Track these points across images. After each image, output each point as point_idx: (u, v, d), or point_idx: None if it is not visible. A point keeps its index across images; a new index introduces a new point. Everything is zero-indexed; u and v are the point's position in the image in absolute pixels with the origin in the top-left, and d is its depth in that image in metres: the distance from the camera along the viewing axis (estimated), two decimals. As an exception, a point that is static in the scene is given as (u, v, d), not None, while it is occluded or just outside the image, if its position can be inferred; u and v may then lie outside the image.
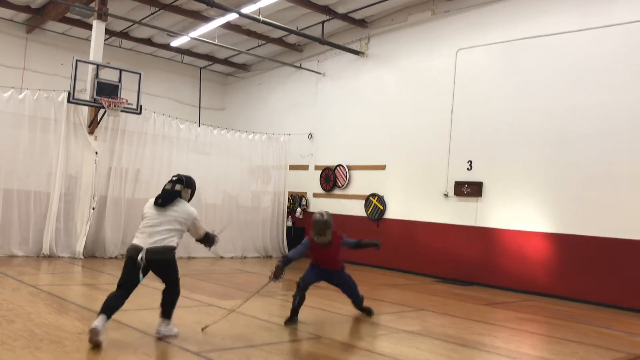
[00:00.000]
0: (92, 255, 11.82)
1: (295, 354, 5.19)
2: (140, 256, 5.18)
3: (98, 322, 4.95)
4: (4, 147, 11.12)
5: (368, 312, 7.38)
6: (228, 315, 6.27)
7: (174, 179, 5.68)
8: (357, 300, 7.23)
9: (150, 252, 5.23)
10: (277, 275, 6.40)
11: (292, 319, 6.56)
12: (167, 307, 5.50)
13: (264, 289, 6.68)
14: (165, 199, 5.49)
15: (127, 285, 5.25)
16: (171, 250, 5.37)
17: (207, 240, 5.84)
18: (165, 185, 5.66)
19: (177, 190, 5.56)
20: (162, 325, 5.48)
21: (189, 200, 5.71)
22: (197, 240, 5.82)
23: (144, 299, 7.48)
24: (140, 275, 5.21)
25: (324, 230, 6.64)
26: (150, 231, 5.34)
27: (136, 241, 5.35)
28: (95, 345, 4.89)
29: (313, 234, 6.74)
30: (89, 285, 8.71)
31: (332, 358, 5.21)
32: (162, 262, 5.34)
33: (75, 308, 6.57)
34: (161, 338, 5.41)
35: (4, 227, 10.95)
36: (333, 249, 6.82)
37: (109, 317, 5.07)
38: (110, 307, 5.11)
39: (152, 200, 5.60)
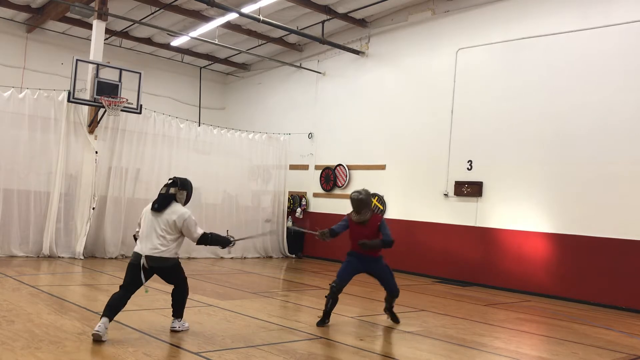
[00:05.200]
0: (92, 255, 11.81)
1: (295, 354, 5.19)
2: (142, 262, 5.43)
3: (100, 326, 5.11)
4: (4, 146, 11.10)
5: (393, 316, 7.05)
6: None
7: (168, 182, 5.80)
8: (392, 293, 6.87)
9: (150, 259, 5.46)
10: (323, 236, 6.62)
11: (323, 321, 6.58)
12: (177, 306, 5.79)
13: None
14: (161, 204, 5.61)
15: (129, 287, 5.48)
16: (168, 259, 5.54)
17: (206, 241, 5.74)
18: (160, 190, 5.78)
19: (172, 193, 5.69)
20: (174, 322, 5.80)
21: (185, 203, 5.79)
22: (196, 243, 5.75)
23: (144, 299, 7.50)
24: (142, 278, 5.45)
25: (360, 208, 6.63)
26: (148, 236, 5.53)
27: (136, 248, 5.58)
28: (97, 341, 5.08)
29: (352, 213, 6.74)
30: (89, 286, 8.71)
31: (332, 358, 5.21)
32: (162, 269, 5.59)
33: (76, 308, 6.58)
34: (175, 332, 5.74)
35: (4, 227, 10.93)
36: (369, 229, 6.64)
37: (111, 319, 5.25)
38: (113, 308, 5.30)
39: (150, 205, 5.71)
